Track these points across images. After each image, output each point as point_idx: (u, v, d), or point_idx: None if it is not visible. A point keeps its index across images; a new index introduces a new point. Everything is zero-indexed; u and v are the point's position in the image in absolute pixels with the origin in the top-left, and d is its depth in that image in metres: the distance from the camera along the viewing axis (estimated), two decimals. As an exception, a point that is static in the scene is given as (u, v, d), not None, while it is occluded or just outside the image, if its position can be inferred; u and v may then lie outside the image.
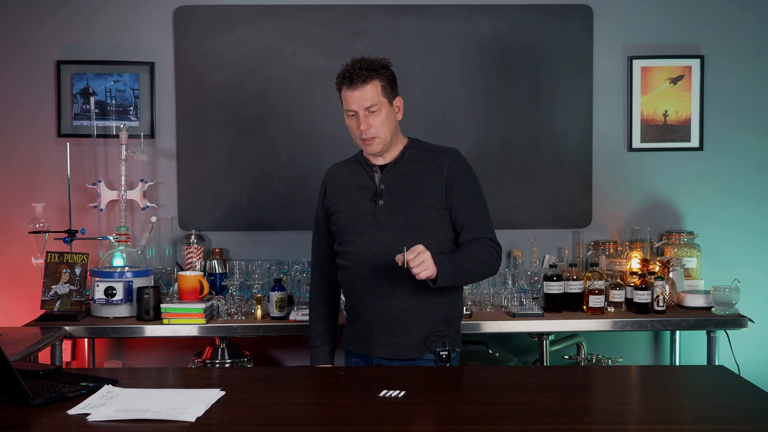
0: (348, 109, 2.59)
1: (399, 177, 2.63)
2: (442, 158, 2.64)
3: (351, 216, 2.64)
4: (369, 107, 2.56)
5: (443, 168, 2.62)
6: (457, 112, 3.84)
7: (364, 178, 2.67)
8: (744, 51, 3.88)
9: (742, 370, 3.48)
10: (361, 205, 2.63)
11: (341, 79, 2.59)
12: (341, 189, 2.70)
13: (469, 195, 2.64)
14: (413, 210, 2.58)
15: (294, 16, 3.82)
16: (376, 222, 2.60)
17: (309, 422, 1.95)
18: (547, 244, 3.84)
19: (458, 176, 2.63)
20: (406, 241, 2.48)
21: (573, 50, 3.84)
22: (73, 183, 3.70)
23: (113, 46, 3.82)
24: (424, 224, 2.58)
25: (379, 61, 2.61)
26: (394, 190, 2.61)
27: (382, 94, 2.58)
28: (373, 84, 2.56)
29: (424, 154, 2.66)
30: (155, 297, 3.32)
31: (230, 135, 3.84)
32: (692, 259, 3.73)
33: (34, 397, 1.96)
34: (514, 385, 2.21)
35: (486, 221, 2.66)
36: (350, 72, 2.57)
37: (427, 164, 2.63)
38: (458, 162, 2.65)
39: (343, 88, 2.59)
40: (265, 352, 3.85)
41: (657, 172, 3.90)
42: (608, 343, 3.84)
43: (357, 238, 2.62)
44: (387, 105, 2.59)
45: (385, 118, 2.58)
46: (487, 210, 2.68)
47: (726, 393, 2.11)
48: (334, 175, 2.76)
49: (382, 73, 2.58)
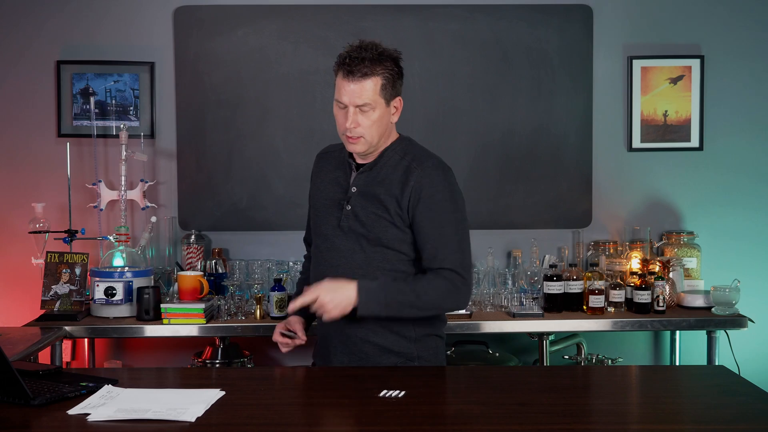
0: (339, 100, 2.34)
1: (370, 182, 2.38)
2: (414, 169, 2.35)
3: (320, 215, 2.47)
4: (361, 105, 2.31)
5: (409, 182, 2.33)
6: (457, 112, 3.84)
7: (342, 173, 2.46)
8: (744, 51, 3.88)
9: (742, 370, 3.48)
10: (331, 204, 2.44)
11: (341, 64, 2.32)
12: (321, 179, 2.51)
13: (433, 218, 2.33)
14: (375, 223, 2.35)
15: (294, 16, 3.82)
16: (339, 229, 2.40)
17: (309, 422, 1.95)
18: (547, 244, 3.84)
19: (425, 194, 2.33)
20: (363, 257, 2.36)
21: (573, 50, 3.84)
22: (73, 183, 3.70)
23: (113, 46, 3.82)
24: (383, 241, 2.35)
25: (388, 53, 2.33)
26: (363, 197, 2.38)
27: (380, 93, 2.31)
28: (373, 80, 2.29)
29: (401, 160, 2.38)
30: (155, 297, 3.32)
31: (230, 135, 3.84)
32: (692, 259, 3.73)
33: (34, 397, 1.96)
34: (514, 385, 2.21)
35: (451, 248, 2.33)
36: (352, 60, 2.29)
37: (398, 173, 2.36)
38: (429, 178, 2.34)
39: (340, 75, 2.32)
40: (265, 352, 3.85)
41: (657, 172, 3.90)
42: (608, 343, 3.84)
43: (321, 241, 2.46)
44: (383, 105, 2.33)
45: (376, 119, 2.32)
46: (454, 235, 2.34)
47: (726, 393, 2.11)
48: (319, 163, 2.57)
49: (387, 67, 2.32)
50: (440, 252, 2.34)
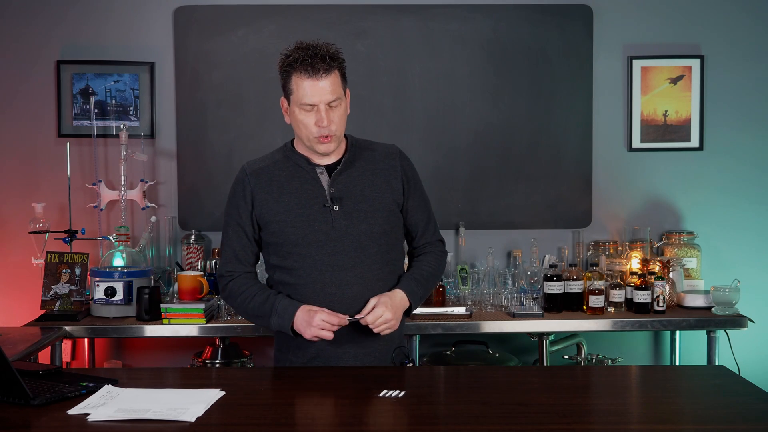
0: (305, 103, 2.30)
1: (350, 179, 2.39)
2: (392, 156, 2.44)
3: (301, 225, 2.35)
4: (332, 101, 2.30)
5: (396, 167, 2.43)
6: (457, 112, 3.84)
7: (306, 180, 2.39)
8: (744, 51, 3.88)
9: (742, 370, 3.48)
10: (311, 211, 2.35)
11: (298, 66, 2.28)
12: (278, 193, 2.39)
13: (422, 196, 2.51)
14: (375, 215, 2.38)
15: (294, 16, 3.82)
16: (335, 231, 2.35)
17: (309, 422, 1.95)
18: (547, 244, 3.84)
19: (411, 176, 2.47)
20: (373, 251, 2.37)
21: (573, 50, 3.85)
22: (73, 183, 3.70)
23: (113, 46, 3.82)
24: (387, 230, 2.40)
25: (333, 47, 2.34)
26: (349, 194, 2.37)
27: (341, 85, 2.33)
28: (334, 74, 2.30)
29: (369, 153, 2.44)
30: (155, 297, 3.32)
31: (230, 135, 3.84)
32: (692, 259, 3.73)
33: (34, 397, 1.96)
34: (514, 385, 2.21)
35: (435, 222, 2.55)
36: (312, 59, 2.27)
37: (377, 164, 2.42)
38: (407, 160, 2.48)
39: (301, 77, 2.28)
40: (265, 352, 3.85)
41: (657, 172, 3.90)
42: (608, 343, 3.84)
43: (315, 250, 2.35)
44: (344, 98, 2.36)
45: (343, 113, 2.34)
46: (431, 209, 2.56)
47: (726, 393, 2.11)
48: (261, 177, 2.42)
49: (341, 61, 2.33)
50: (430, 227, 2.54)
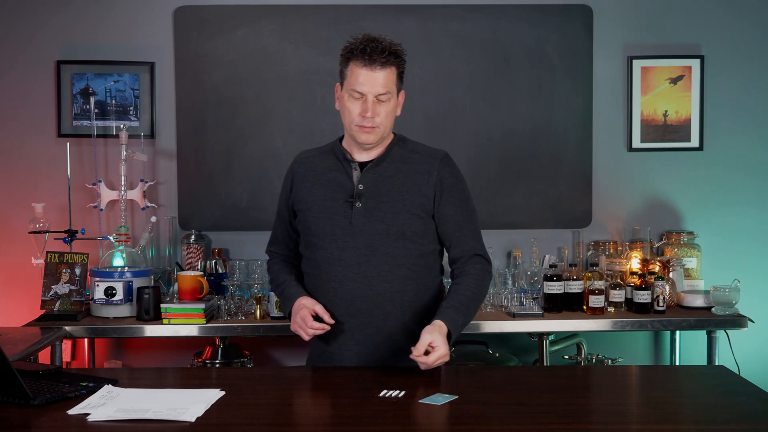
0: (355, 90, 2.32)
1: (380, 177, 2.38)
2: (430, 161, 2.41)
3: (322, 216, 2.39)
4: (381, 94, 2.32)
5: (432, 173, 2.39)
6: (457, 112, 3.84)
7: (340, 173, 2.41)
8: (744, 51, 3.88)
9: (742, 370, 3.48)
10: (334, 204, 2.38)
11: (357, 53, 2.31)
12: (311, 183, 2.43)
13: (460, 206, 2.42)
14: (395, 217, 2.35)
15: (294, 16, 3.82)
16: (351, 227, 2.35)
17: (309, 422, 1.95)
18: (547, 244, 3.84)
19: (448, 184, 2.40)
20: (383, 252, 2.34)
21: (573, 50, 3.84)
22: (73, 183, 3.70)
23: (113, 46, 3.82)
24: (407, 234, 2.36)
25: (399, 46, 2.36)
26: (374, 193, 2.37)
27: (395, 83, 2.35)
28: (391, 70, 2.32)
29: (410, 154, 2.42)
30: (155, 297, 3.32)
31: (230, 135, 3.84)
32: (692, 259, 3.73)
33: (34, 397, 1.96)
34: (514, 385, 2.21)
35: (477, 235, 2.45)
36: (372, 50, 2.29)
37: (413, 166, 2.40)
38: (448, 168, 2.42)
39: (357, 64, 2.31)
40: (265, 352, 3.85)
41: (657, 172, 3.90)
42: (608, 343, 3.84)
43: (328, 243, 2.37)
44: (395, 96, 2.37)
45: (391, 110, 2.36)
46: (476, 221, 2.46)
47: (726, 393, 2.11)
48: (303, 165, 2.48)
49: (400, 59, 2.36)
50: (470, 241, 2.43)
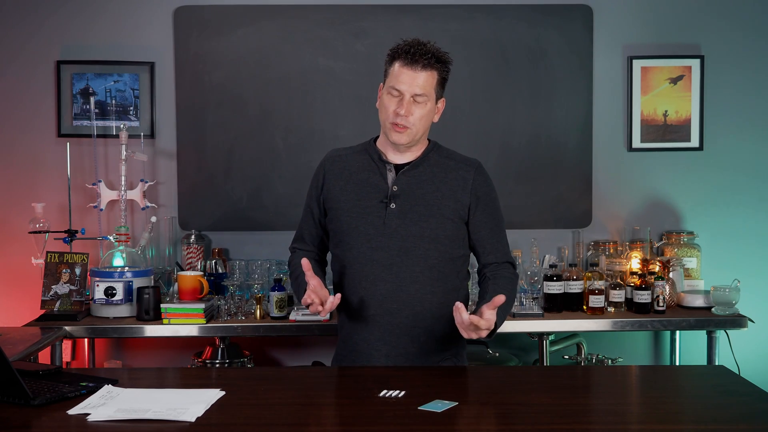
0: (394, 87, 2.35)
1: (416, 181, 2.41)
2: (466, 169, 2.45)
3: (355, 216, 2.40)
4: (418, 95, 2.34)
5: (468, 180, 2.43)
6: (456, 112, 3.84)
7: (374, 174, 2.43)
8: (744, 51, 3.88)
9: (742, 370, 3.48)
10: (368, 204, 2.40)
11: (401, 53, 2.35)
12: (345, 182, 2.44)
13: (494, 214, 2.48)
14: (429, 220, 2.38)
15: (294, 16, 3.82)
16: (385, 227, 2.37)
17: (309, 422, 1.95)
18: (547, 244, 3.84)
19: (483, 192, 2.45)
20: (416, 254, 2.35)
21: (573, 50, 3.84)
22: (73, 183, 3.70)
23: (113, 46, 3.82)
24: (440, 237, 2.38)
25: (445, 53, 2.40)
26: (409, 195, 2.39)
27: (435, 87, 2.38)
28: (432, 74, 2.36)
29: (446, 160, 2.46)
30: (155, 297, 3.32)
31: (230, 135, 3.84)
32: (692, 259, 3.73)
33: (34, 397, 1.96)
34: (514, 385, 2.21)
35: (506, 242, 2.52)
36: (416, 51, 2.34)
37: (449, 172, 2.43)
38: (483, 176, 2.47)
39: (399, 63, 2.35)
40: (265, 352, 3.85)
41: (657, 172, 3.90)
42: (608, 343, 3.84)
43: (361, 243, 2.38)
44: (433, 101, 2.39)
45: (426, 113, 2.37)
46: (504, 230, 2.52)
47: (726, 393, 2.11)
48: (336, 164, 2.48)
49: (444, 66, 2.39)
50: (502, 248, 2.50)
